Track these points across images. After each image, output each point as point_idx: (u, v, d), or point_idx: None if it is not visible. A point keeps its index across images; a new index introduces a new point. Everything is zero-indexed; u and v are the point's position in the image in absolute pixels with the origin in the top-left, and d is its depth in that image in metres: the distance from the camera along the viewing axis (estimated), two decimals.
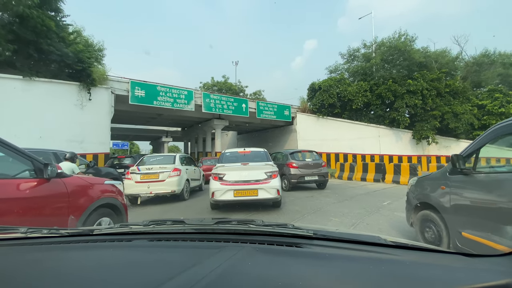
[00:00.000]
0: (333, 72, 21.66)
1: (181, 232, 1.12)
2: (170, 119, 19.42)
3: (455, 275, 0.73)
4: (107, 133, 12.81)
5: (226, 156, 6.21)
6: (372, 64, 19.57)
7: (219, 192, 5.18)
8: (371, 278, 0.70)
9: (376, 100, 18.97)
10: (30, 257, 0.89)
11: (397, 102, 18.19)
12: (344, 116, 19.64)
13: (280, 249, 0.89)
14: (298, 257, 0.84)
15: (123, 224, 1.33)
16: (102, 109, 12.64)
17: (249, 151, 6.22)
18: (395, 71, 18.77)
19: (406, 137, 19.74)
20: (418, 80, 17.89)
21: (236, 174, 5.27)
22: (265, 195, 5.15)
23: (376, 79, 18.84)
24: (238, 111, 17.16)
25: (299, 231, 1.02)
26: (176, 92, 14.94)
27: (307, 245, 0.91)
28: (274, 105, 19.11)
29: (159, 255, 0.89)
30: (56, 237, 1.09)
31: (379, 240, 0.93)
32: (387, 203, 6.26)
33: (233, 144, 28.99)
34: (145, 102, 13.89)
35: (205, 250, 0.90)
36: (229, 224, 1.18)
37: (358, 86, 18.79)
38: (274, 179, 5.26)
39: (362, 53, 21.09)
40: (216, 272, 0.68)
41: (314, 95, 19.56)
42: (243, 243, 0.93)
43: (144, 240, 1.07)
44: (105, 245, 1.01)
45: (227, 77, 30.07)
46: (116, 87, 13.51)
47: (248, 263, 0.77)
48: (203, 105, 15.76)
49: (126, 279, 0.72)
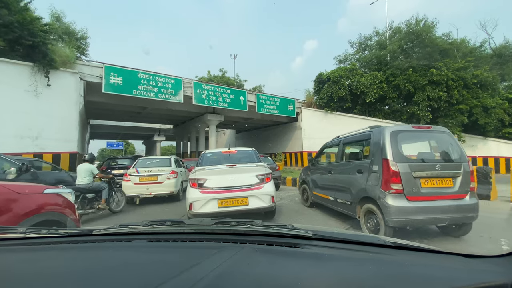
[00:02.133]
0: (342, 62, 19.36)
1: (180, 232, 1.13)
2: (157, 114, 17.03)
3: (455, 276, 0.73)
4: (74, 128, 10.45)
5: (207, 157, 5.15)
6: (388, 52, 17.22)
7: (198, 202, 4.18)
8: (370, 278, 0.70)
9: (393, 92, 16.63)
10: (29, 257, 0.90)
11: (417, 95, 15.85)
12: (356, 111, 17.31)
13: (279, 249, 0.90)
14: (297, 258, 0.85)
15: (122, 224, 1.25)
16: (67, 98, 10.29)
17: (234, 150, 5.25)
18: (415, 60, 16.42)
19: None
20: (441, 69, 15.56)
21: (221, 178, 4.36)
22: (257, 203, 4.29)
23: (393, 69, 16.49)
24: (235, 105, 14.83)
25: (298, 231, 1.02)
26: (161, 80, 12.61)
27: (306, 246, 0.92)
28: (276, 99, 16.78)
29: (158, 255, 0.89)
30: (55, 237, 1.09)
31: (378, 240, 0.94)
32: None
33: (231, 143, 26.63)
34: (122, 91, 11.55)
35: (204, 250, 0.90)
36: (228, 225, 1.18)
37: (372, 76, 16.45)
38: (268, 184, 4.47)
39: (375, 40, 18.76)
40: (216, 273, 0.69)
41: (321, 88, 17.24)
42: (242, 244, 0.94)
43: (143, 240, 1.07)
44: (104, 245, 1.02)
45: (225, 71, 27.82)
46: (87, 72, 11.16)
47: (248, 264, 0.78)
48: (193, 97, 13.42)
49: (125, 279, 0.71)
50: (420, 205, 3.28)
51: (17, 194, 2.25)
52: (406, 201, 3.28)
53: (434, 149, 3.84)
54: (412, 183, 3.31)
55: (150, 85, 12.25)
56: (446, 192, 3.40)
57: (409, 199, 3.29)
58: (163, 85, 12.62)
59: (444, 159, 3.58)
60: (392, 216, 3.25)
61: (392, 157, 3.39)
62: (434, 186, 3.41)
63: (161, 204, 7.45)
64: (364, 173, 3.81)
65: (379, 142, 3.61)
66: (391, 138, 3.53)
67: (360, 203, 3.84)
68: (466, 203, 3.39)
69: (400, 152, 3.44)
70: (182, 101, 12.98)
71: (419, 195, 3.31)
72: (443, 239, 3.74)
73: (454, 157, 3.61)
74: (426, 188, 3.36)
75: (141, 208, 6.93)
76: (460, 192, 3.43)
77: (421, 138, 3.98)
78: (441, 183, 3.43)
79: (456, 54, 18.08)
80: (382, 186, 3.42)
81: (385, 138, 3.55)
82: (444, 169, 3.43)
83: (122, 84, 11.52)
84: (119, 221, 6.24)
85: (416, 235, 3.89)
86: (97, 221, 5.50)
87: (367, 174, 3.74)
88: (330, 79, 16.64)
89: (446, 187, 3.43)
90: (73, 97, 10.46)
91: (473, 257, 0.81)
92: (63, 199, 2.74)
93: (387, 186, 3.35)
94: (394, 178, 3.31)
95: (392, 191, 3.30)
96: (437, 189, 3.40)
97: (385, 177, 3.39)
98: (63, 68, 10.25)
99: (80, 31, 18.59)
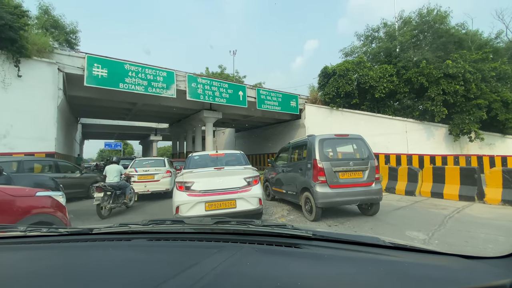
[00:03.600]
0: (349, 55, 18.12)
1: (180, 231, 1.13)
2: (150, 112, 15.80)
3: (454, 276, 0.73)
4: (51, 126, 9.26)
5: (194, 160, 5.12)
6: (398, 43, 15.98)
7: (185, 206, 4.14)
8: (369, 279, 0.70)
9: (404, 87, 15.39)
10: (29, 255, 0.89)
11: (431, 89, 14.61)
12: (364, 107, 16.09)
13: (279, 249, 0.90)
14: (297, 258, 0.85)
15: (122, 224, 1.24)
16: (42, 91, 9.09)
17: (222, 153, 5.29)
18: (428, 51, 15.18)
19: (439, 133, 16.15)
20: (457, 61, 14.32)
21: (209, 181, 4.35)
22: (245, 206, 4.31)
23: (404, 61, 15.24)
24: (233, 100, 13.62)
25: (298, 231, 1.02)
26: (151, 72, 11.40)
27: (306, 246, 0.91)
28: (278, 94, 15.56)
29: (158, 254, 0.89)
30: (55, 235, 1.08)
31: (378, 241, 0.93)
32: None
33: (231, 143, 25.42)
34: (108, 85, 10.35)
35: (204, 250, 0.90)
36: (228, 224, 1.18)
37: (381, 69, 15.21)
38: (256, 186, 4.51)
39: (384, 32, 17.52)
40: (215, 272, 0.69)
41: (327, 82, 16.01)
42: (242, 243, 0.94)
43: (143, 239, 1.07)
44: (104, 245, 1.01)
45: (224, 67, 26.65)
46: (67, 63, 9.97)
47: (247, 263, 0.78)
48: (187, 91, 12.21)
49: (125, 279, 0.71)
50: (339, 191, 4.48)
51: (11, 196, 2.35)
52: (329, 188, 4.44)
53: (354, 151, 4.94)
54: (332, 176, 4.48)
55: (139, 78, 11.05)
56: (358, 181, 4.60)
57: (331, 187, 4.45)
58: (154, 78, 11.42)
59: (356, 158, 4.80)
60: (319, 200, 4.38)
61: (319, 157, 4.51)
62: (349, 177, 4.59)
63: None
64: (303, 170, 4.89)
65: (311, 147, 4.67)
66: (319, 143, 4.64)
67: (301, 192, 4.88)
68: (372, 188, 4.61)
69: (324, 154, 4.58)
70: (175, 95, 11.78)
71: (338, 184, 4.48)
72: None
73: (364, 156, 4.79)
74: (343, 179, 4.54)
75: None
76: (368, 181, 4.62)
77: (343, 143, 5.04)
78: (354, 175, 4.61)
79: (471, 45, 16.83)
80: (313, 178, 4.51)
81: (315, 143, 4.65)
82: (356, 165, 4.63)
83: (107, 76, 10.32)
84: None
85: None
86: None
87: (305, 170, 4.80)
88: (336, 73, 15.42)
89: (358, 178, 4.63)
90: (49, 90, 9.26)
91: (472, 258, 0.82)
92: (55, 201, 2.78)
93: (316, 178, 4.46)
94: (320, 172, 4.44)
95: (319, 182, 4.43)
96: (351, 179, 4.59)
97: (314, 172, 4.50)
98: (38, 57, 9.06)
99: (70, 25, 17.48)
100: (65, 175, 8.00)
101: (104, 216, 5.67)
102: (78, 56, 10.15)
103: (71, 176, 8.16)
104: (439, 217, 4.80)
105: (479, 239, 3.61)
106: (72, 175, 8.30)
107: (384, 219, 4.78)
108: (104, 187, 5.65)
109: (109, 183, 5.92)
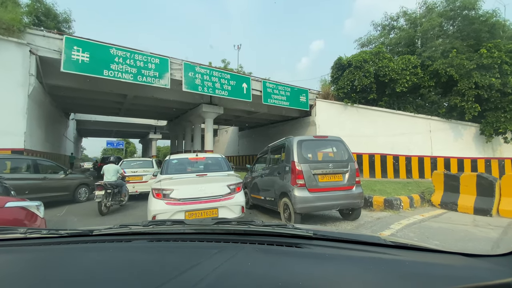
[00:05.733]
0: (365, 45, 16.40)
1: (180, 232, 1.12)
2: (144, 106, 14.30)
3: (455, 275, 0.72)
4: (19, 118, 7.83)
5: (172, 164, 4.68)
6: (422, 31, 14.20)
7: (163, 215, 3.79)
8: (371, 278, 0.70)
9: (429, 80, 13.63)
10: (29, 257, 0.89)
11: (462, 82, 12.82)
12: (382, 103, 14.38)
13: (280, 249, 0.90)
14: (298, 257, 0.84)
15: (122, 225, 1.25)
16: (8, 77, 7.67)
17: (203, 157, 4.96)
18: (457, 39, 13.40)
19: (469, 133, 14.35)
20: (491, 51, 12.53)
21: (190, 189, 4.02)
22: (228, 214, 4.06)
23: (430, 51, 13.48)
24: (236, 93, 12.06)
25: (298, 231, 1.02)
26: (141, 59, 9.91)
27: (307, 245, 0.91)
28: (286, 88, 13.95)
29: (158, 255, 0.88)
30: (55, 237, 1.08)
31: (379, 240, 0.94)
32: None
33: (234, 142, 23.89)
34: (89, 71, 8.87)
35: (205, 250, 0.89)
36: (228, 224, 1.18)
37: (404, 60, 13.47)
38: (238, 193, 4.31)
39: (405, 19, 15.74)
40: (216, 273, 0.69)
41: (341, 75, 14.35)
42: (243, 244, 0.93)
43: (143, 240, 1.07)
44: (104, 246, 1.01)
45: (228, 61, 25.18)
46: (42, 45, 8.53)
47: (248, 264, 0.78)
48: (184, 81, 10.69)
49: (126, 280, 0.71)
50: (318, 195, 4.32)
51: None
52: (308, 192, 4.26)
53: (334, 153, 4.80)
54: (312, 179, 4.33)
55: (127, 65, 9.56)
56: (338, 185, 4.49)
57: (310, 191, 4.28)
58: (144, 65, 9.92)
59: (336, 160, 4.68)
60: (298, 204, 4.17)
61: (297, 160, 4.35)
62: (329, 181, 4.47)
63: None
64: (281, 174, 4.69)
65: (289, 149, 4.53)
66: (297, 145, 4.49)
67: (280, 198, 4.64)
68: (353, 192, 4.51)
69: (303, 156, 4.41)
70: (169, 86, 10.26)
71: (317, 188, 4.33)
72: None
73: (344, 159, 4.67)
74: (322, 182, 4.41)
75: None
76: (349, 184, 4.53)
77: (322, 145, 4.96)
78: (334, 178, 4.50)
79: (503, 35, 14.97)
80: (291, 182, 4.33)
81: (293, 145, 4.49)
82: (336, 167, 4.52)
83: (89, 61, 8.85)
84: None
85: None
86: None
87: (283, 174, 4.62)
88: (351, 64, 13.75)
89: (338, 181, 4.50)
90: (18, 76, 7.83)
91: (473, 256, 0.81)
92: (30, 213, 2.56)
93: (294, 182, 4.28)
94: (299, 175, 4.27)
95: (297, 185, 4.25)
96: (331, 183, 4.46)
97: (293, 175, 4.32)
98: (5, 36, 7.64)
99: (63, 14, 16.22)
100: (46, 176, 6.80)
101: (104, 212, 6.01)
102: (55, 37, 8.70)
103: (53, 177, 7.03)
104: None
105: None
106: (54, 176, 7.13)
107: None
108: (105, 185, 5.94)
109: (108, 182, 6.13)
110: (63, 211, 6.49)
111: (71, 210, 6.72)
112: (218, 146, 26.29)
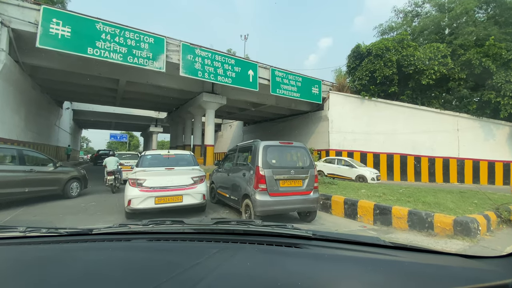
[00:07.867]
0: (386, 33, 14.81)
1: (180, 232, 1.13)
2: (138, 94, 13.02)
3: (455, 276, 0.72)
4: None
5: (146, 159, 5.52)
6: (454, 16, 12.57)
7: (137, 199, 4.57)
8: (370, 278, 0.70)
9: (460, 71, 12.05)
10: (29, 256, 0.89)
11: (498, 75, 11.23)
12: (404, 97, 12.87)
13: (279, 249, 0.90)
14: (297, 258, 0.85)
15: (122, 224, 1.24)
16: None
17: (173, 154, 5.77)
18: (494, 26, 11.77)
19: (502, 133, 12.74)
20: None
21: (159, 179, 4.80)
22: (190, 200, 4.91)
23: (462, 38, 11.87)
24: (241, 81, 10.71)
25: (298, 231, 1.02)
26: (132, 36, 8.61)
27: (306, 246, 0.91)
28: (297, 77, 12.53)
29: (158, 255, 0.88)
30: (55, 236, 1.07)
31: (378, 241, 0.93)
32: None
33: (238, 137, 22.56)
34: (70, 48, 7.62)
35: (204, 250, 0.89)
36: (228, 224, 1.18)
37: (432, 49, 11.91)
38: (201, 184, 5.08)
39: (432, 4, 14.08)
40: (216, 272, 0.69)
41: (358, 65, 12.88)
42: (242, 243, 0.94)
43: (143, 240, 1.06)
44: (104, 245, 1.01)
45: (234, 51, 23.66)
46: (15, 15, 7.29)
47: (248, 263, 0.78)
48: (181, 65, 9.38)
49: (125, 279, 0.71)
50: (278, 199, 4.48)
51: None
52: (268, 196, 4.42)
53: (297, 159, 4.97)
54: (273, 183, 4.48)
55: (115, 43, 8.27)
56: (297, 190, 4.67)
57: (270, 195, 4.44)
58: (136, 44, 8.63)
59: (298, 166, 4.83)
60: (258, 208, 4.36)
61: (262, 165, 4.48)
62: (289, 186, 4.64)
63: None
64: (246, 176, 4.82)
65: (255, 153, 4.66)
66: (263, 150, 4.61)
67: (243, 199, 4.79)
68: (310, 197, 4.71)
69: (267, 161, 4.54)
70: (164, 69, 8.96)
71: (278, 192, 4.49)
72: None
73: (305, 165, 4.83)
74: (283, 187, 4.57)
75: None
76: (307, 189, 4.71)
77: (287, 151, 4.98)
78: (294, 183, 4.66)
79: None
80: (254, 185, 4.47)
81: (259, 149, 4.62)
82: (297, 173, 4.68)
83: (70, 37, 7.59)
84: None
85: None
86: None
87: (248, 176, 4.74)
88: (371, 53, 12.25)
89: (297, 186, 4.68)
90: None
91: (472, 258, 0.81)
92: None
93: (257, 186, 4.42)
94: (261, 180, 4.42)
95: (259, 189, 4.40)
96: (291, 188, 4.64)
97: (256, 179, 4.46)
98: None
99: None
100: (32, 169, 5.96)
101: (115, 191, 7.59)
102: (31, 7, 7.45)
103: (41, 170, 6.25)
104: None
105: None
106: (43, 169, 6.34)
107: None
108: (112, 173, 7.63)
109: (112, 170, 7.67)
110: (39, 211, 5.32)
111: (59, 205, 5.86)
112: (222, 141, 25.01)
